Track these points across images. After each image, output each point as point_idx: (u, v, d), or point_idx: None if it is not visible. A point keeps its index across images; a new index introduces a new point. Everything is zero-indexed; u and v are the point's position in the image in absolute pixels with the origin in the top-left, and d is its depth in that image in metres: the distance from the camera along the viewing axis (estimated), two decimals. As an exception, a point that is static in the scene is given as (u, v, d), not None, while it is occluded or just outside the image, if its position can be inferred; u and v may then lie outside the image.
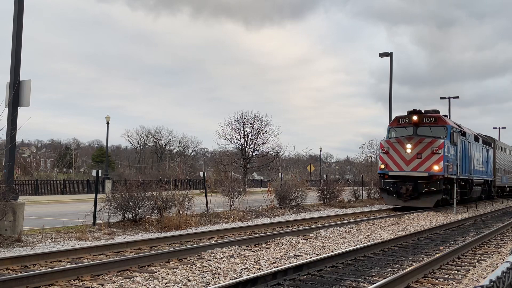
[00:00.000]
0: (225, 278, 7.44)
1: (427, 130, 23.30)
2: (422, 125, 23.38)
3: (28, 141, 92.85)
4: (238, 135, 41.46)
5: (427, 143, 22.29)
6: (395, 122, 24.44)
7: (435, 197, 22.11)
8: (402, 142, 22.74)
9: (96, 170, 15.01)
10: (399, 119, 24.24)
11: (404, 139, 22.88)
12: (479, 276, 8.13)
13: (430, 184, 21.94)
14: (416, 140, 22.56)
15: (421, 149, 22.31)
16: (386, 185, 23.12)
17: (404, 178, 22.50)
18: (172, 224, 13.96)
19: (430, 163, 21.97)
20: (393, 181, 22.79)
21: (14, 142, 11.87)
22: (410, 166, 22.42)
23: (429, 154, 22.06)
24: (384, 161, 23.23)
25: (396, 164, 22.80)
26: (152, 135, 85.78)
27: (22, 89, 11.90)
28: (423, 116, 23.50)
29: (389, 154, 22.98)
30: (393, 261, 9.36)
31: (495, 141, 36.65)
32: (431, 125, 23.35)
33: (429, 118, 23.40)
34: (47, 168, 79.88)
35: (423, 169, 22.10)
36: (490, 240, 13.02)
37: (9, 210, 11.01)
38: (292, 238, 11.98)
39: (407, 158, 22.51)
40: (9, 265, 8.10)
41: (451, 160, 23.05)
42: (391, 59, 29.63)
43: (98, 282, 7.13)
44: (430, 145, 22.15)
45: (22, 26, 12.10)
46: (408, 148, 22.48)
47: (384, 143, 23.60)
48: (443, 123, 23.34)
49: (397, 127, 24.15)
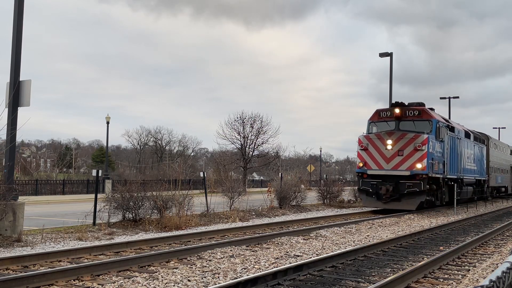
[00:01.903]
0: (225, 278, 7.44)
1: (410, 125, 21.40)
2: (405, 119, 21.48)
3: (28, 141, 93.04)
4: (238, 135, 41.48)
5: (409, 138, 20.39)
6: (376, 115, 22.49)
7: (418, 198, 20.29)
8: (382, 138, 20.89)
9: (96, 170, 15.01)
10: (380, 113, 22.32)
11: (384, 135, 20.98)
12: (479, 276, 8.13)
13: (412, 184, 20.13)
14: (398, 135, 20.68)
15: (402, 145, 20.45)
16: (365, 185, 21.39)
17: (384, 178, 20.74)
18: (172, 224, 13.96)
19: (412, 161, 20.15)
20: (373, 180, 21.02)
21: (14, 142, 11.87)
22: (391, 164, 20.63)
23: (411, 151, 20.22)
24: (362, 159, 21.43)
25: (375, 162, 21.02)
26: (152, 135, 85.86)
27: (22, 89, 11.90)
28: (406, 109, 21.59)
29: (368, 151, 21.21)
30: (393, 261, 9.36)
31: (488, 138, 34.73)
32: (414, 119, 21.42)
33: (412, 111, 21.47)
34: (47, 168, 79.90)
35: (404, 168, 20.28)
36: (490, 240, 13.01)
37: (9, 210, 11.01)
38: (292, 238, 11.98)
39: (387, 155, 20.71)
40: (9, 265, 8.10)
41: (437, 157, 21.25)
42: (391, 59, 29.62)
43: (98, 282, 7.13)
44: (413, 141, 20.30)
45: (22, 26, 12.10)
46: (388, 144, 20.62)
47: (363, 138, 21.71)
48: (427, 116, 21.38)
49: (378, 122, 22.30)
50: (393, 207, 20.52)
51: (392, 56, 29.38)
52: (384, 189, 20.44)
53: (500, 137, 57.08)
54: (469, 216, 20.34)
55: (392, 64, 29.53)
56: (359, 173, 21.64)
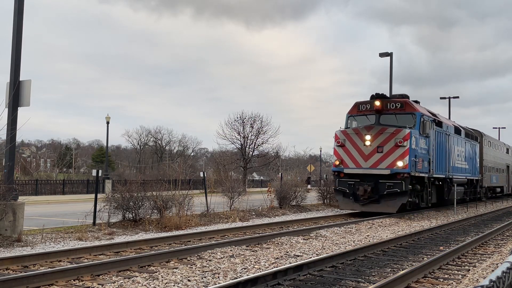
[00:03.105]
0: (225, 278, 7.44)
1: (392, 118, 19.63)
2: (386, 112, 19.68)
3: (28, 141, 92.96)
4: (238, 135, 41.49)
5: (389, 133, 18.61)
6: (355, 109, 20.62)
7: (399, 200, 18.35)
8: (360, 133, 19.13)
9: (96, 170, 15.02)
10: (359, 106, 20.45)
11: (362, 129, 19.24)
12: (479, 276, 8.13)
13: (393, 184, 18.33)
14: (377, 130, 18.89)
15: (382, 141, 18.67)
16: (342, 185, 19.55)
17: (363, 177, 18.95)
18: (172, 224, 13.96)
19: (393, 158, 18.36)
20: (350, 180, 19.24)
21: (14, 142, 11.87)
22: (369, 162, 18.84)
23: (392, 147, 18.43)
24: (339, 156, 19.66)
25: (353, 159, 19.24)
26: (152, 135, 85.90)
27: (22, 89, 11.90)
28: (388, 101, 19.83)
29: (345, 147, 19.45)
30: (393, 261, 9.36)
31: (482, 135, 32.79)
32: (396, 112, 19.62)
33: (394, 103, 19.67)
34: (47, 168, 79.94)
35: (384, 166, 18.48)
36: (490, 240, 13.01)
37: (9, 210, 11.02)
38: (292, 238, 11.98)
39: (365, 152, 18.93)
40: (9, 265, 8.10)
41: (421, 154, 19.51)
42: (391, 59, 29.61)
43: (98, 282, 7.13)
44: (394, 136, 18.49)
45: (22, 26, 12.09)
46: (367, 140, 18.84)
47: (340, 134, 19.84)
48: (410, 109, 19.61)
49: (357, 115, 20.47)
50: (372, 210, 18.83)
51: (392, 56, 29.37)
52: (361, 189, 18.70)
53: (500, 137, 56.83)
54: (469, 216, 20.34)
55: (392, 64, 29.53)
56: (335, 172, 19.91)
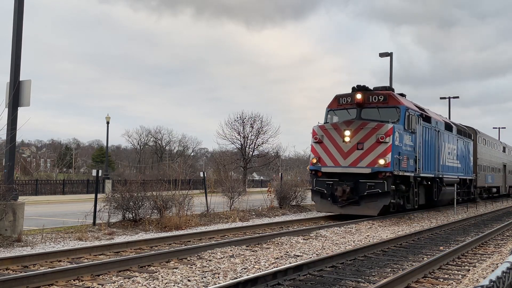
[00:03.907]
0: (225, 278, 7.44)
1: (374, 113, 18.12)
2: (368, 105, 18.17)
3: (28, 141, 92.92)
4: (238, 135, 41.53)
5: (370, 129, 17.09)
6: (335, 102, 19.09)
7: (381, 201, 16.84)
8: (339, 128, 17.65)
9: (96, 170, 15.02)
10: (339, 99, 18.93)
11: (341, 124, 17.78)
12: (479, 276, 8.13)
13: (374, 184, 16.83)
14: (357, 125, 17.39)
15: (363, 137, 17.16)
16: (319, 185, 17.99)
17: (342, 176, 17.43)
18: (172, 224, 13.96)
19: (374, 156, 16.83)
20: (328, 180, 17.70)
21: (14, 142, 11.87)
22: (348, 160, 17.30)
23: (373, 143, 16.92)
24: (316, 154, 18.13)
25: (331, 157, 17.72)
26: (152, 135, 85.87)
27: (22, 89, 11.90)
28: (370, 94, 18.23)
29: (323, 144, 17.95)
30: (393, 261, 9.36)
31: (476, 133, 31.16)
32: (379, 106, 18.11)
33: (377, 96, 18.11)
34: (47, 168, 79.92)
35: (364, 164, 16.96)
36: (490, 240, 13.02)
37: (9, 210, 11.02)
38: (292, 238, 11.98)
39: (344, 149, 17.42)
40: (9, 265, 8.10)
41: (406, 151, 17.96)
42: (391, 59, 29.60)
43: (98, 282, 7.13)
44: (375, 132, 16.96)
45: (22, 26, 12.10)
46: (346, 136, 17.34)
47: (317, 129, 18.33)
48: (394, 102, 18.05)
49: (338, 109, 18.96)
50: (351, 212, 17.26)
51: (392, 56, 29.36)
52: (340, 190, 17.12)
53: (500, 137, 56.74)
54: (469, 216, 20.34)
55: (392, 64, 29.53)
56: (312, 171, 18.33)
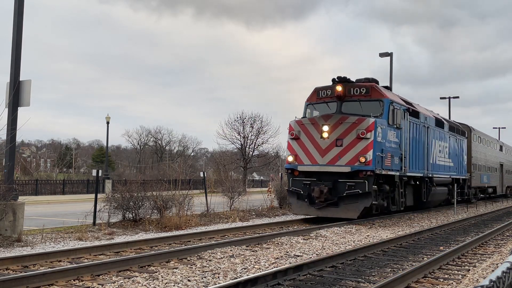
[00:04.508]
0: (225, 278, 7.44)
1: (355, 106, 16.73)
2: (349, 98, 16.80)
3: (28, 141, 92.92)
4: (238, 135, 41.55)
5: (350, 123, 15.72)
6: (314, 95, 17.78)
7: (362, 203, 15.45)
8: (317, 123, 16.26)
9: (96, 170, 15.03)
10: (319, 92, 17.63)
11: (319, 119, 16.39)
12: (479, 276, 8.13)
13: (354, 184, 15.48)
14: (336, 119, 15.98)
15: (342, 132, 15.76)
16: (296, 185, 16.61)
17: (320, 176, 16.07)
18: (172, 224, 13.97)
19: (354, 153, 15.48)
20: (306, 179, 16.34)
21: (14, 142, 11.87)
22: (326, 158, 15.90)
23: (353, 139, 15.55)
24: (293, 151, 16.72)
25: (308, 155, 16.34)
26: (152, 135, 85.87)
27: (22, 89, 11.90)
28: (351, 86, 16.90)
29: (300, 140, 16.55)
30: (393, 261, 9.35)
31: (471, 130, 29.78)
32: (361, 99, 16.71)
33: (358, 89, 16.76)
34: (47, 168, 79.92)
35: (344, 162, 15.59)
36: (490, 240, 13.01)
37: (9, 210, 11.02)
38: (292, 238, 11.98)
39: (322, 146, 16.01)
40: (9, 265, 8.10)
41: (390, 149, 16.57)
42: (391, 59, 29.59)
43: (98, 282, 7.13)
44: (355, 127, 15.60)
45: (22, 26, 12.10)
46: (324, 132, 15.95)
47: (294, 125, 16.91)
48: (377, 95, 16.65)
49: (317, 103, 17.58)
50: (329, 215, 15.99)
51: (392, 56, 29.37)
52: (317, 190, 15.72)
53: (500, 137, 56.59)
54: (469, 216, 20.34)
55: (392, 64, 29.53)
56: (289, 170, 16.95)
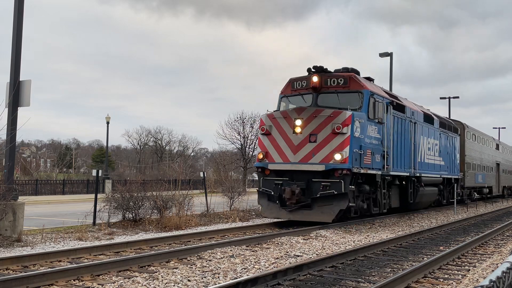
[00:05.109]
0: (225, 278, 7.44)
1: (333, 98, 15.23)
2: (326, 90, 15.28)
3: (28, 141, 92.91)
4: (238, 135, 41.57)
5: (325, 117, 14.25)
6: (289, 87, 16.21)
7: (337, 205, 13.99)
8: (289, 117, 14.77)
9: (96, 170, 15.02)
10: (293, 83, 16.05)
11: (292, 112, 14.87)
12: (479, 276, 8.13)
13: (330, 184, 14.03)
14: (310, 113, 14.49)
15: (316, 127, 14.30)
16: (266, 185, 15.15)
17: (292, 175, 14.62)
18: (172, 224, 13.97)
19: (329, 150, 14.04)
20: (277, 179, 14.86)
21: (14, 142, 11.87)
22: (299, 155, 14.44)
23: (328, 135, 14.12)
24: (264, 148, 15.21)
25: (279, 152, 14.84)
26: (152, 135, 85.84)
27: (22, 89, 11.90)
28: (328, 76, 15.38)
29: (271, 136, 15.06)
30: (393, 261, 9.36)
31: (464, 127, 28.42)
32: (339, 90, 15.18)
33: (336, 79, 15.24)
34: (47, 168, 79.89)
35: (318, 160, 14.13)
36: (490, 240, 13.02)
37: (9, 210, 11.02)
38: (292, 238, 11.98)
39: (295, 142, 14.56)
40: (9, 265, 8.10)
41: (370, 145, 15.12)
42: (391, 59, 29.60)
43: (98, 282, 7.13)
44: (331, 121, 14.15)
45: (22, 26, 12.09)
46: (297, 126, 14.47)
47: (265, 119, 15.39)
48: (356, 86, 15.13)
49: (292, 95, 16.06)
50: (302, 218, 14.53)
51: (392, 56, 29.39)
52: (288, 191, 14.26)
53: (500, 137, 56.61)
54: (469, 216, 20.35)
55: (392, 64, 29.54)
56: (259, 169, 15.48)
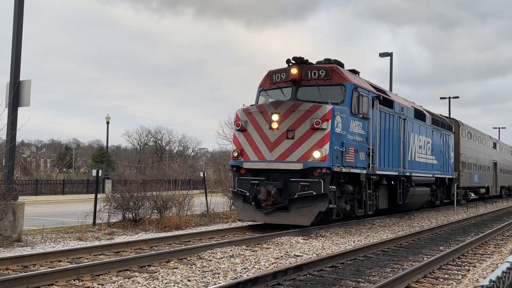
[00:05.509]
0: (225, 278, 7.44)
1: (313, 92, 14.12)
2: (306, 82, 14.22)
3: (28, 141, 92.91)
4: (238, 135, 41.52)
5: (304, 111, 13.23)
6: (267, 80, 15.10)
7: (316, 207, 12.84)
8: (266, 112, 13.72)
9: (96, 170, 15.03)
10: (272, 75, 14.94)
11: (269, 107, 13.82)
12: (479, 276, 8.14)
13: (309, 184, 12.95)
14: (287, 107, 13.43)
15: (294, 122, 13.27)
16: (242, 186, 14.02)
17: (269, 174, 13.50)
18: (172, 224, 13.97)
19: (307, 147, 13.02)
20: (253, 179, 13.74)
21: (14, 142, 11.88)
22: (276, 153, 13.36)
23: (307, 131, 13.09)
24: (239, 145, 14.17)
25: (255, 149, 13.78)
26: (152, 135, 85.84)
27: (22, 89, 11.90)
28: (308, 68, 14.25)
29: (247, 132, 14.02)
30: (393, 261, 9.36)
31: (459, 125, 27.38)
32: (320, 83, 14.06)
33: (317, 71, 14.11)
34: (47, 168, 79.89)
35: (295, 158, 13.09)
36: (490, 240, 13.02)
37: (9, 210, 11.02)
38: (292, 238, 11.98)
39: (271, 138, 13.50)
40: (9, 265, 8.10)
41: (354, 142, 14.04)
42: (391, 59, 29.60)
43: (98, 282, 7.13)
44: (309, 115, 13.13)
45: (22, 26, 12.10)
46: (273, 122, 13.43)
47: (241, 113, 14.34)
48: (339, 79, 13.98)
49: (271, 89, 14.95)
50: (278, 221, 13.40)
51: (392, 56, 29.39)
52: (263, 192, 13.11)
53: (500, 137, 56.57)
54: (469, 216, 20.36)
55: (392, 64, 29.55)
56: (234, 167, 14.28)
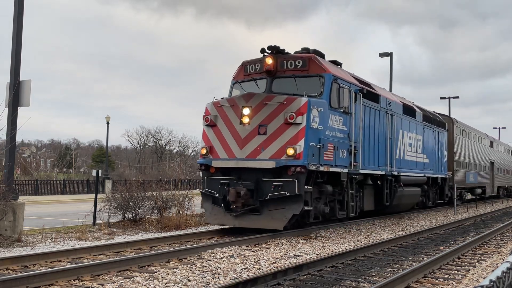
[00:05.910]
0: (225, 278, 7.44)
1: (290, 84, 13.08)
2: (282, 73, 13.16)
3: (28, 141, 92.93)
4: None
5: (277, 104, 12.20)
6: (241, 71, 14.07)
7: (290, 209, 11.78)
8: (237, 105, 12.68)
9: (96, 170, 15.04)
10: (246, 66, 13.90)
11: (240, 100, 12.75)
12: (479, 276, 8.14)
13: (282, 184, 11.86)
14: (259, 100, 12.40)
15: (266, 116, 12.25)
16: (211, 186, 12.91)
17: (240, 173, 12.45)
18: (172, 224, 13.97)
19: (280, 144, 11.99)
20: (223, 178, 12.68)
21: (14, 142, 11.88)
22: (247, 150, 12.34)
23: (280, 126, 12.09)
24: (208, 142, 13.16)
25: (225, 146, 12.77)
26: (152, 135, 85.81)
27: (22, 89, 11.90)
28: (285, 58, 13.21)
29: (217, 128, 12.99)
30: (393, 261, 9.36)
31: (453, 122, 26.32)
32: (297, 74, 13.02)
33: (293, 61, 13.09)
34: (47, 168, 79.91)
35: (268, 155, 12.04)
36: (490, 240, 13.02)
37: (9, 210, 11.02)
38: (292, 238, 11.98)
39: (242, 134, 12.48)
40: (9, 265, 8.10)
41: (333, 138, 12.99)
42: (391, 59, 29.61)
43: (98, 282, 7.13)
44: (283, 109, 12.12)
45: (22, 26, 12.09)
46: (244, 116, 12.44)
47: (211, 107, 13.26)
48: (317, 69, 12.94)
49: (244, 81, 13.92)
50: (249, 225, 12.29)
51: (392, 56, 29.40)
52: (232, 193, 12.03)
53: (500, 137, 56.52)
54: (469, 216, 20.36)
55: (392, 64, 29.56)
56: (202, 166, 13.14)
